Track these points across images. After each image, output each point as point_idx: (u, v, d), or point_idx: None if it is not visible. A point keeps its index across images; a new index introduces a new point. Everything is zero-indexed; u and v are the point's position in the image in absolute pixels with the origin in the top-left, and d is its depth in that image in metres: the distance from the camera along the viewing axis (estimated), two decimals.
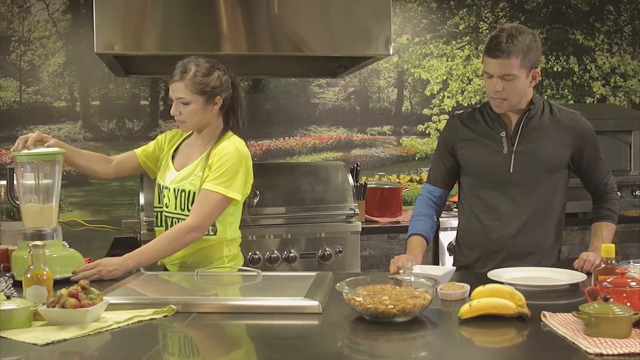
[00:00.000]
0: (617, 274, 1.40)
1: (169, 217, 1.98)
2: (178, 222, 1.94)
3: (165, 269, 2.03)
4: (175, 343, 1.33)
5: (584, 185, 2.04)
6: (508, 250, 1.95)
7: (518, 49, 1.83)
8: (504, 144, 1.95)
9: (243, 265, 2.00)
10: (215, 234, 1.96)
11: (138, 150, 2.13)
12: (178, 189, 1.96)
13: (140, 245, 2.49)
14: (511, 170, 1.93)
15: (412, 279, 1.49)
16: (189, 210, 1.92)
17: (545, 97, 3.62)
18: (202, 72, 1.93)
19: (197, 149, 2.02)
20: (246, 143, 2.00)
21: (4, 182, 2.19)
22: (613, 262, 1.47)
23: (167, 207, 1.99)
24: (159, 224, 2.03)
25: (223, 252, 1.99)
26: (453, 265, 2.13)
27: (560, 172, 1.96)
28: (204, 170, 1.93)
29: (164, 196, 2.00)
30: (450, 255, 2.93)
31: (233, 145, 1.94)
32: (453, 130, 2.04)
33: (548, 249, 1.98)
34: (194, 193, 1.93)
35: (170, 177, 2.00)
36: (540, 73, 1.92)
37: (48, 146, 1.84)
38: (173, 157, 2.06)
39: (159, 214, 2.03)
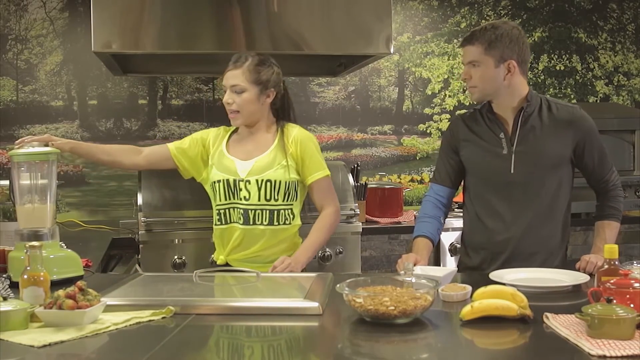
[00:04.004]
0: (620, 275, 1.39)
1: (252, 209, 1.99)
2: (263, 213, 1.98)
3: (227, 266, 2.02)
4: (174, 345, 1.31)
5: (586, 181, 2.02)
6: (513, 251, 1.94)
7: (484, 37, 1.88)
8: (503, 144, 1.94)
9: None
10: (293, 218, 2.05)
11: (171, 146, 2.12)
12: (262, 180, 1.98)
13: (138, 246, 2.51)
14: (512, 171, 1.92)
15: (413, 280, 1.48)
16: (275, 200, 1.99)
17: (548, 97, 3.61)
18: (258, 63, 2.01)
19: (256, 142, 2.05)
20: None
21: (3, 182, 2.19)
22: (616, 263, 1.45)
23: (246, 199, 1.99)
24: (230, 220, 2.02)
25: (298, 242, 2.07)
26: (458, 266, 2.11)
27: (563, 170, 1.95)
28: (286, 158, 2.00)
29: (240, 189, 2.00)
30: (451, 256, 2.92)
31: (302, 131, 2.07)
32: (455, 130, 2.04)
33: (554, 248, 1.97)
34: (280, 182, 1.99)
35: (244, 169, 2.00)
36: (516, 66, 1.89)
37: (57, 146, 1.84)
38: (228, 152, 2.06)
39: (228, 209, 2.02)
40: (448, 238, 2.93)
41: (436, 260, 2.94)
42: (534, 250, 1.94)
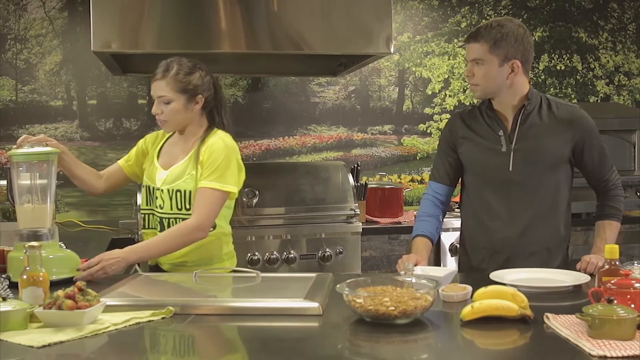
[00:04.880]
0: (621, 275, 1.39)
1: (165, 218, 1.97)
2: (176, 222, 1.94)
3: (161, 270, 2.01)
4: (173, 345, 1.31)
5: (586, 181, 2.01)
6: (513, 250, 1.93)
7: (490, 35, 1.87)
8: (502, 142, 1.93)
9: (241, 266, 1.99)
10: (214, 228, 1.96)
11: (121, 162, 2.13)
12: (172, 190, 1.96)
13: None
14: (510, 169, 1.91)
15: (414, 280, 1.47)
16: (186, 210, 1.93)
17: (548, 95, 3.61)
18: (184, 71, 1.95)
19: (182, 147, 2.02)
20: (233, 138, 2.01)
21: (2, 182, 2.18)
22: (617, 263, 1.45)
23: (161, 208, 1.98)
24: (150, 226, 2.02)
25: (222, 249, 2.00)
26: (457, 266, 2.11)
27: (562, 168, 1.94)
28: (197, 168, 1.93)
29: (156, 197, 1.99)
30: (452, 256, 2.91)
31: (221, 140, 1.95)
32: (454, 128, 2.03)
33: (554, 248, 1.96)
34: (190, 192, 1.94)
35: (160, 178, 1.99)
36: (520, 66, 1.88)
37: (47, 146, 1.83)
38: (158, 158, 2.05)
39: (149, 215, 2.03)
40: (448, 238, 2.92)
41: (436, 261, 2.94)
42: (534, 250, 1.93)
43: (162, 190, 1.97)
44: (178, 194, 1.94)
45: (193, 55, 2.06)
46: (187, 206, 1.93)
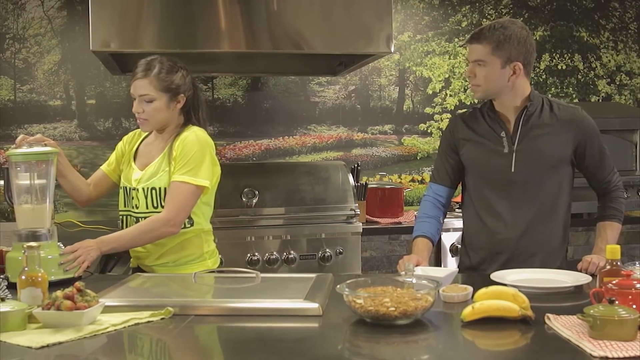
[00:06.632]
0: (622, 275, 1.39)
1: (142, 217, 1.95)
2: None
3: (143, 271, 1.99)
4: (173, 346, 1.31)
5: (588, 182, 2.01)
6: (513, 251, 1.93)
7: (493, 37, 1.86)
8: (504, 143, 1.93)
9: (241, 267, 1.99)
10: (192, 225, 1.96)
11: (103, 167, 2.13)
12: (147, 188, 1.95)
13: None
14: (513, 170, 1.91)
15: (414, 281, 1.47)
16: (162, 207, 1.92)
17: (550, 96, 3.60)
18: (167, 70, 1.94)
19: (157, 146, 2.02)
20: (209, 133, 2.01)
21: (0, 182, 2.18)
22: (618, 263, 1.45)
23: (137, 208, 1.97)
24: (128, 227, 2.00)
25: (203, 247, 2.00)
26: (458, 266, 2.10)
27: (564, 169, 1.94)
28: (170, 164, 1.93)
29: (132, 198, 1.98)
30: (452, 256, 2.91)
31: (193, 134, 1.94)
32: (455, 129, 2.03)
33: (555, 249, 1.96)
34: (165, 189, 1.93)
35: (136, 178, 1.99)
36: (522, 68, 1.88)
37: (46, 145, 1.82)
38: (135, 159, 2.05)
39: (126, 217, 2.02)
40: (449, 238, 2.92)
41: (437, 261, 2.93)
42: (534, 251, 1.93)
43: (137, 190, 1.97)
44: (153, 191, 1.94)
45: (193, 55, 2.06)
46: (163, 204, 1.93)
